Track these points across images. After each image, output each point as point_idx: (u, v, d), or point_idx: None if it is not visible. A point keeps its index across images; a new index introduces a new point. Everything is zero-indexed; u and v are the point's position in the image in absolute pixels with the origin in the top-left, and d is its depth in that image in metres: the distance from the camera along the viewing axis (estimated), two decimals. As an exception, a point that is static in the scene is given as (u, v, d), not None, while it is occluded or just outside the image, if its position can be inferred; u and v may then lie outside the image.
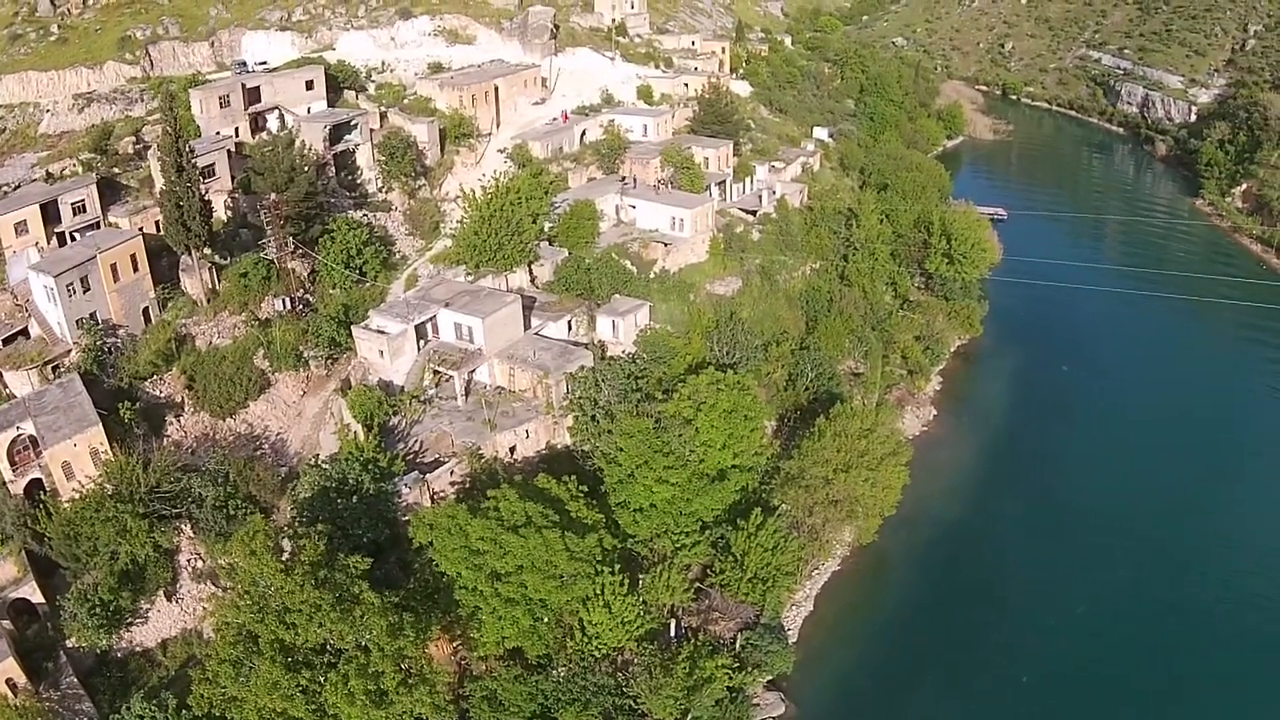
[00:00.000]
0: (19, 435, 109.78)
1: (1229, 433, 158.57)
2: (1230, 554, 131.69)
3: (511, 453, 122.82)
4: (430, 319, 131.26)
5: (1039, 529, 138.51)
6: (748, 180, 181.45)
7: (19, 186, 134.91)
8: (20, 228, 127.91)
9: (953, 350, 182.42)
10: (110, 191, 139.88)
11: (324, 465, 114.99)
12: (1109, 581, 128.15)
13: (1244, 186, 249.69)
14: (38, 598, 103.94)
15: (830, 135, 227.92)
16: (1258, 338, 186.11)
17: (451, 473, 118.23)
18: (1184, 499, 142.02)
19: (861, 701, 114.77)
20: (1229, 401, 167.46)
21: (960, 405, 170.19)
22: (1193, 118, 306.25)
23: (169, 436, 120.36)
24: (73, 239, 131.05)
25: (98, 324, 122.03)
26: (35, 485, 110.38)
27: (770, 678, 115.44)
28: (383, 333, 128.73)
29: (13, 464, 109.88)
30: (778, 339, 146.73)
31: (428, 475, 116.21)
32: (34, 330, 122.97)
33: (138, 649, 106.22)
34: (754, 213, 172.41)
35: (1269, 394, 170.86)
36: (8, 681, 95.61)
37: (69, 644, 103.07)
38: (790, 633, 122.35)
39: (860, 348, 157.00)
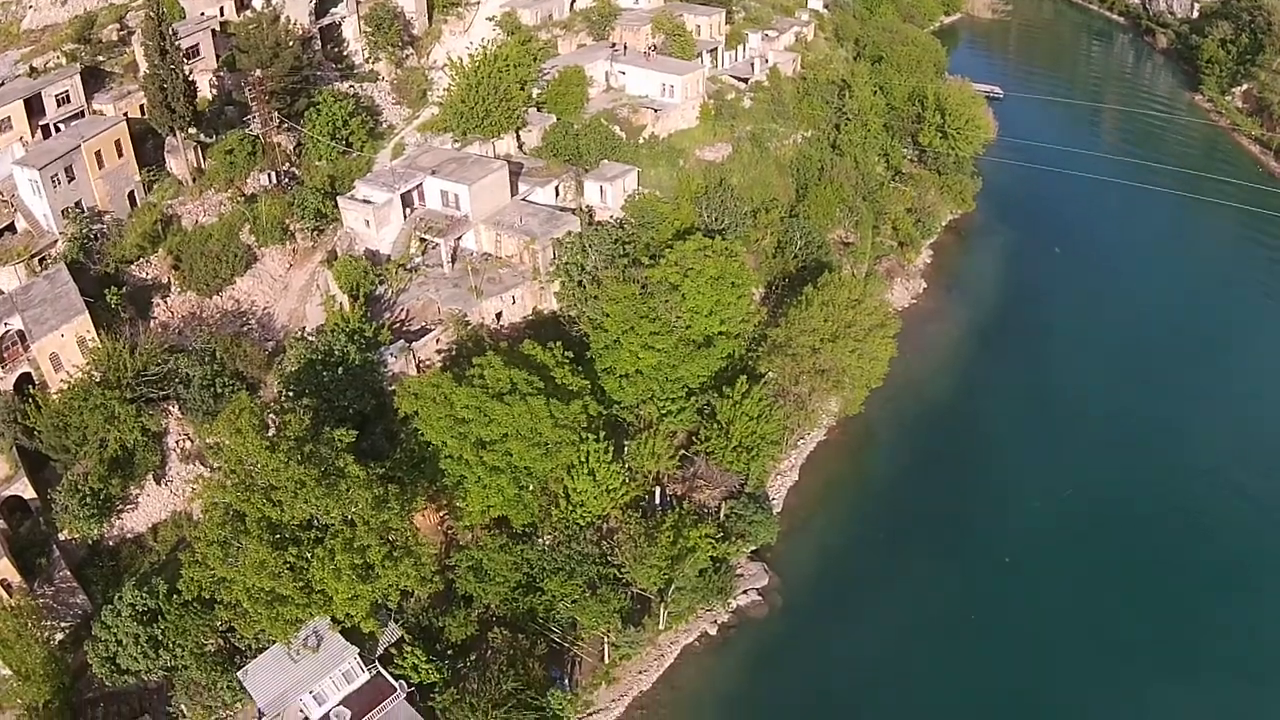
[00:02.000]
0: (6, 331, 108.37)
1: (1221, 329, 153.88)
2: (1218, 443, 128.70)
3: (498, 319, 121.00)
4: (416, 187, 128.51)
5: (1027, 409, 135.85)
6: (740, 48, 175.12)
7: (2, 84, 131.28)
8: (3, 125, 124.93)
9: (944, 225, 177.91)
10: (94, 80, 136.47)
11: (310, 338, 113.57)
12: (1096, 466, 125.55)
13: (1244, 87, 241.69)
14: (29, 493, 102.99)
15: (825, 6, 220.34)
16: (1253, 239, 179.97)
17: (437, 341, 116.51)
18: (1172, 389, 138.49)
19: (845, 574, 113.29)
20: (1221, 299, 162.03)
21: (951, 280, 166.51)
22: (1195, 14, 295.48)
23: (155, 318, 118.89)
24: (57, 130, 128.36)
25: (83, 212, 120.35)
26: (24, 380, 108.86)
27: (754, 548, 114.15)
28: (368, 202, 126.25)
29: (1, 360, 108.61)
30: (767, 206, 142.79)
31: (414, 344, 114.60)
32: (20, 225, 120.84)
33: (129, 536, 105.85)
34: (746, 80, 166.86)
35: (1261, 294, 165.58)
36: (1, 582, 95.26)
37: (61, 537, 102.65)
38: (775, 503, 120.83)
39: (851, 217, 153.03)
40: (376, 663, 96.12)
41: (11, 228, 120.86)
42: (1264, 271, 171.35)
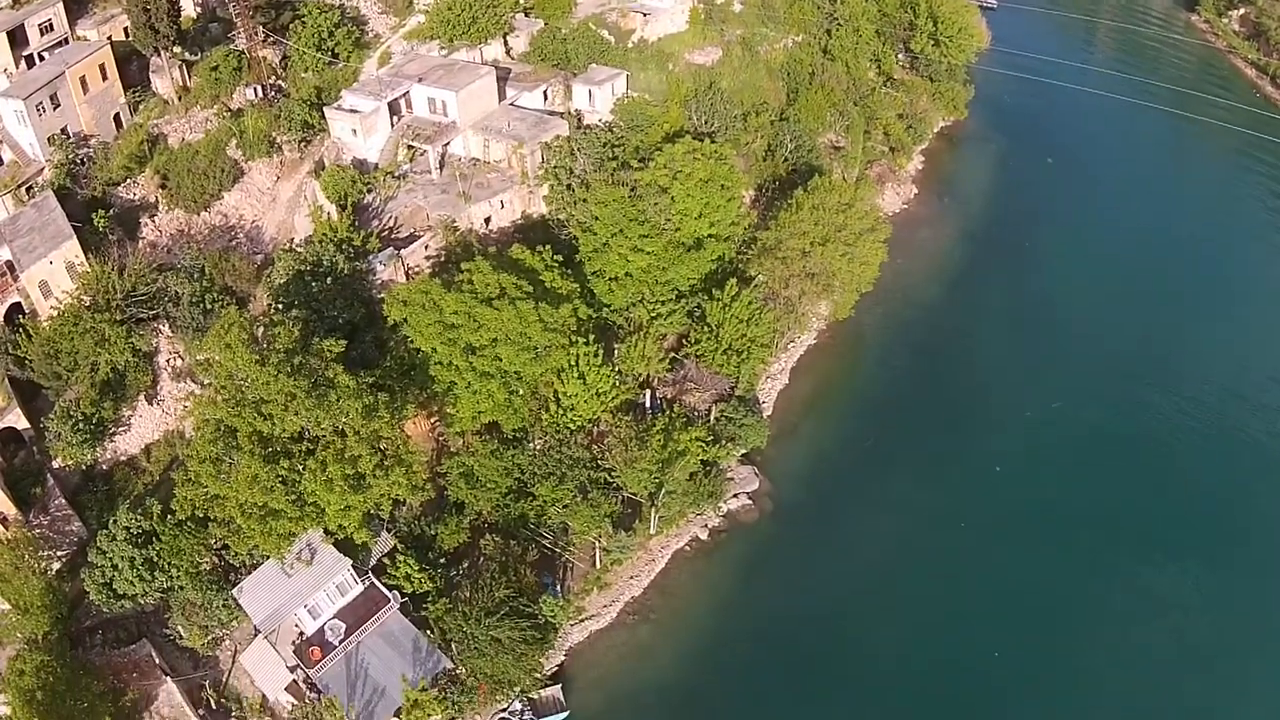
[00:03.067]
0: None
1: (1215, 247, 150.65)
2: (1211, 358, 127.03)
3: (487, 224, 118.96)
4: (404, 95, 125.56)
5: (1018, 318, 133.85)
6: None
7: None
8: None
9: (936, 131, 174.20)
10: (78, 6, 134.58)
11: (298, 249, 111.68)
12: (1087, 377, 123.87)
13: (1242, 11, 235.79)
14: (22, 424, 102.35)
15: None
16: (1247, 161, 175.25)
17: (426, 247, 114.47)
18: (1165, 303, 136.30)
19: (835, 478, 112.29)
20: (1215, 217, 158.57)
21: (943, 186, 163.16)
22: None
23: (144, 238, 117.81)
24: (41, 59, 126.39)
25: (70, 138, 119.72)
26: (14, 310, 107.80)
27: (744, 452, 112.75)
28: (355, 112, 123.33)
29: None
30: (757, 110, 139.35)
31: (402, 251, 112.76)
32: (6, 156, 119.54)
33: (122, 459, 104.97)
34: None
35: (1253, 216, 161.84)
36: None
37: (55, 465, 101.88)
38: (765, 406, 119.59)
39: (841, 122, 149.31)
40: (370, 574, 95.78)
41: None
42: (1259, 192, 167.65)
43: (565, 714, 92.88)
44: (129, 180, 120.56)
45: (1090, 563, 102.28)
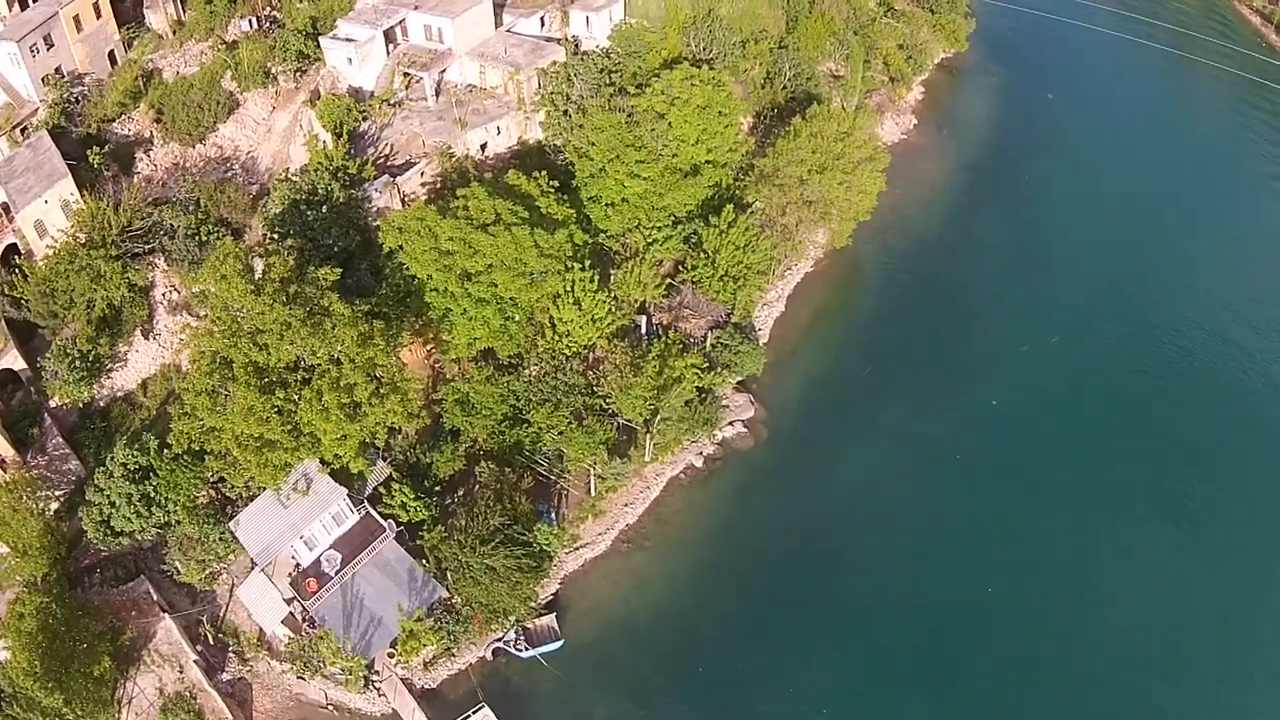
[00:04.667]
0: None
1: (1213, 187, 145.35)
2: (1208, 297, 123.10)
3: (483, 150, 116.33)
4: (399, 22, 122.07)
5: (1016, 252, 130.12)
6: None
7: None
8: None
9: (936, 63, 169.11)
10: None
11: (294, 178, 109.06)
12: (1084, 313, 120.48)
13: None
14: (20, 365, 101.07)
15: None
16: (1245, 109, 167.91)
17: (422, 174, 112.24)
18: (1164, 241, 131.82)
19: (830, 407, 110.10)
20: (1213, 160, 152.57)
21: (942, 117, 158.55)
22: None
23: (139, 173, 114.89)
24: (34, 1, 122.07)
25: (64, 77, 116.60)
26: (10, 251, 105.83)
27: (740, 379, 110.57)
28: (351, 40, 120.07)
29: None
30: (756, 37, 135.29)
31: (398, 178, 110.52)
32: (1, 98, 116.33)
33: (119, 395, 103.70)
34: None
35: (1253, 161, 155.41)
36: None
37: (52, 404, 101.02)
38: (761, 333, 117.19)
39: (841, 50, 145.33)
40: (365, 503, 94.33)
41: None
42: (1258, 138, 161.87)
43: (560, 643, 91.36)
44: (124, 116, 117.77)
45: (1085, 499, 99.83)
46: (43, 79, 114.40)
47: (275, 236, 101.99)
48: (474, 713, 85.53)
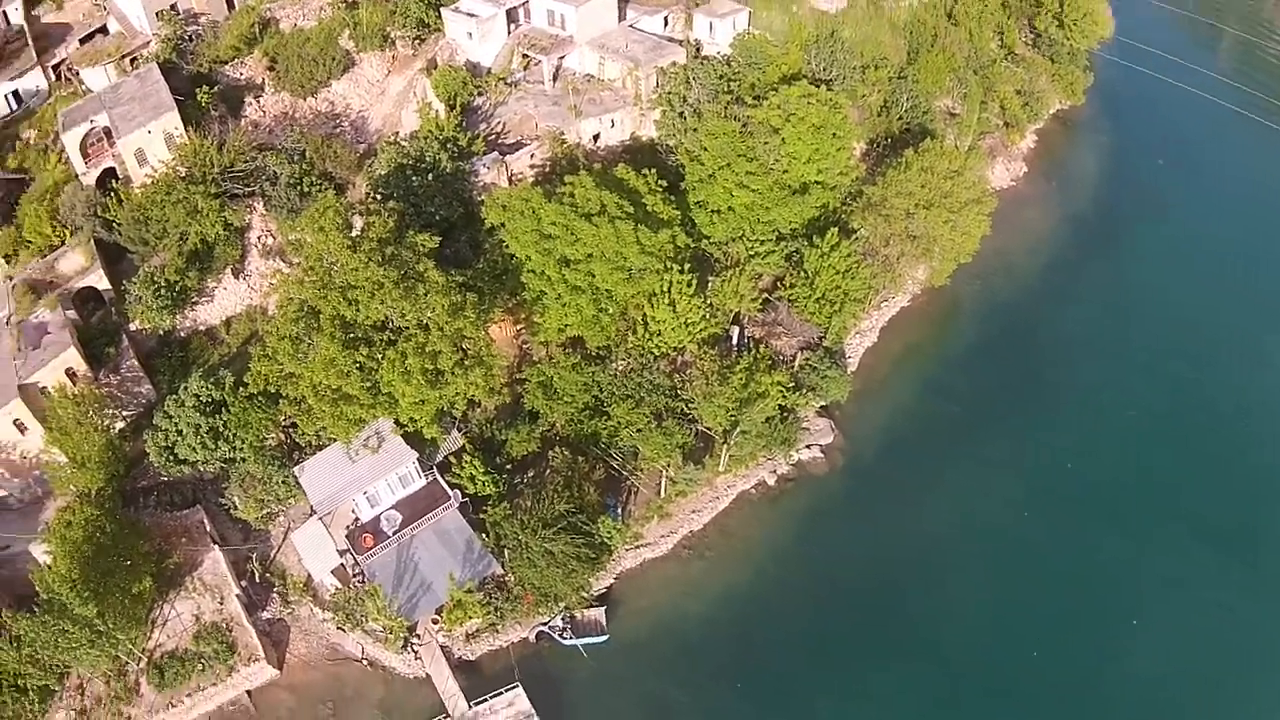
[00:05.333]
0: (93, 128, 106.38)
1: None
2: None
3: (595, 140, 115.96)
4: (523, 4, 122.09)
5: (1116, 314, 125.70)
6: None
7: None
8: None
9: (1052, 113, 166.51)
10: None
11: (403, 142, 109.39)
12: (1173, 388, 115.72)
13: None
14: (104, 284, 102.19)
15: None
16: None
17: (532, 155, 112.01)
18: (1271, 326, 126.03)
19: (910, 444, 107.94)
20: None
21: (1052, 168, 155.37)
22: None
23: (246, 117, 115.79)
24: None
25: (179, 14, 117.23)
26: (108, 174, 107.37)
27: (824, 403, 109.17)
28: (473, 15, 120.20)
29: (86, 157, 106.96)
30: (876, 64, 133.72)
31: (507, 156, 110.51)
32: (113, 27, 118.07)
33: (201, 328, 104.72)
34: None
35: None
36: (68, 370, 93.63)
37: (132, 327, 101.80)
38: (850, 361, 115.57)
39: (959, 89, 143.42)
40: (434, 470, 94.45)
41: (104, 29, 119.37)
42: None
43: (605, 637, 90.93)
44: (236, 60, 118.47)
45: (1167, 550, 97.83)
46: (157, 13, 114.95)
47: (378, 197, 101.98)
48: (507, 690, 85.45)
